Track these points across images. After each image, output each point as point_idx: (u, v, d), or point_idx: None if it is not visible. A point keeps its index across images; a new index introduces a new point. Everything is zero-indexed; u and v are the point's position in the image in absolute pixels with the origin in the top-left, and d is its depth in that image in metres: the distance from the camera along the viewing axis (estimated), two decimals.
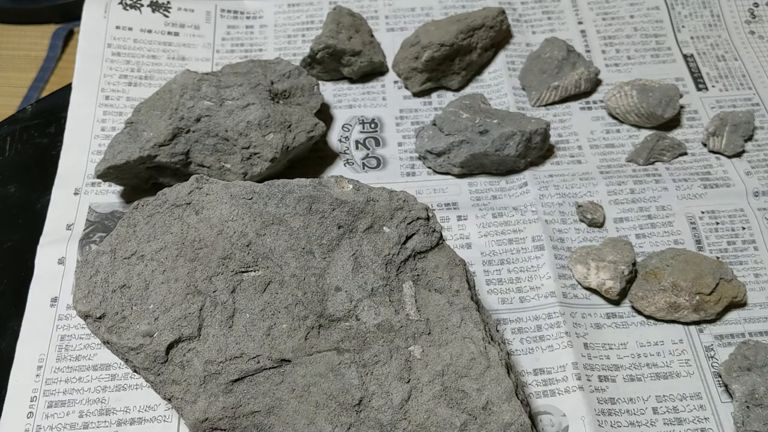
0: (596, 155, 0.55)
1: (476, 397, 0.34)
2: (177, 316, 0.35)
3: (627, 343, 0.45)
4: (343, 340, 0.35)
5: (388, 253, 0.37)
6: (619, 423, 0.41)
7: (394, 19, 0.64)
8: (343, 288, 0.36)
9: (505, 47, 0.62)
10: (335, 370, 0.35)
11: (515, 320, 0.46)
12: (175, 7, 0.63)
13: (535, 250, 0.49)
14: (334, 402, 0.34)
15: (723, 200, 0.51)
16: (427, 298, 0.37)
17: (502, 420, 0.34)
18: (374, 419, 0.34)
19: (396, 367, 0.35)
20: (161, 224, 0.37)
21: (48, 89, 0.63)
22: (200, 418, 0.34)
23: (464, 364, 0.35)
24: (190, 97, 0.49)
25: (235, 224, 0.37)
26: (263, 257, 0.36)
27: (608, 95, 0.56)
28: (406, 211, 0.38)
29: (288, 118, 0.50)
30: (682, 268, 0.45)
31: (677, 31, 0.63)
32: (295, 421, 0.34)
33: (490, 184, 0.53)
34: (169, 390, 0.35)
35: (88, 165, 0.54)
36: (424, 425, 0.34)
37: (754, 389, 0.40)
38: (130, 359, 0.35)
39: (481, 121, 0.52)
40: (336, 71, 0.59)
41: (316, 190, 0.38)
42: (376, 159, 0.55)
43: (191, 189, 0.38)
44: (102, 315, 0.35)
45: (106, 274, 0.36)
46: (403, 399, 0.34)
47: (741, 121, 0.54)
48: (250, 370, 0.35)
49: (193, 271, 0.36)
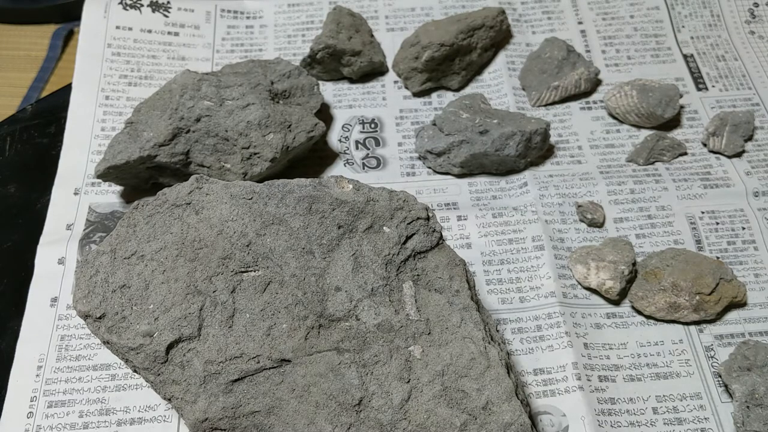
0: (596, 155, 0.55)
1: (476, 397, 0.34)
2: (177, 316, 0.35)
3: (627, 343, 0.45)
4: (343, 340, 0.35)
5: (388, 253, 0.37)
6: (619, 423, 0.41)
7: (394, 19, 0.64)
8: (343, 288, 0.36)
9: (505, 47, 0.62)
10: (335, 370, 0.35)
11: (515, 320, 0.46)
12: (175, 7, 0.63)
13: (535, 250, 0.49)
14: (334, 402, 0.34)
15: (723, 200, 0.51)
16: (427, 298, 0.37)
17: (502, 420, 0.34)
18: (374, 419, 0.34)
19: (396, 367, 0.35)
20: (161, 224, 0.37)
21: (48, 89, 0.63)
22: (200, 418, 0.34)
23: (464, 364, 0.35)
24: (190, 97, 0.49)
25: (235, 224, 0.37)
26: (263, 257, 0.36)
27: (608, 95, 0.56)
28: (406, 211, 0.38)
29: (288, 118, 0.50)
30: (682, 268, 0.45)
31: (677, 31, 0.63)
32: (295, 421, 0.34)
33: (490, 184, 0.53)
34: (169, 390, 0.35)
35: (88, 165, 0.54)
36: (424, 425, 0.34)
37: (754, 389, 0.40)
38: (130, 359, 0.35)
39: (481, 121, 0.52)
40: (336, 71, 0.59)
41: (316, 190, 0.38)
42: (376, 159, 0.55)
43: (191, 189, 0.38)
44: (102, 315, 0.35)
45: (106, 274, 0.36)
46: (403, 399, 0.34)
47: (741, 121, 0.54)
48: (250, 370, 0.35)
49: (193, 271, 0.36)
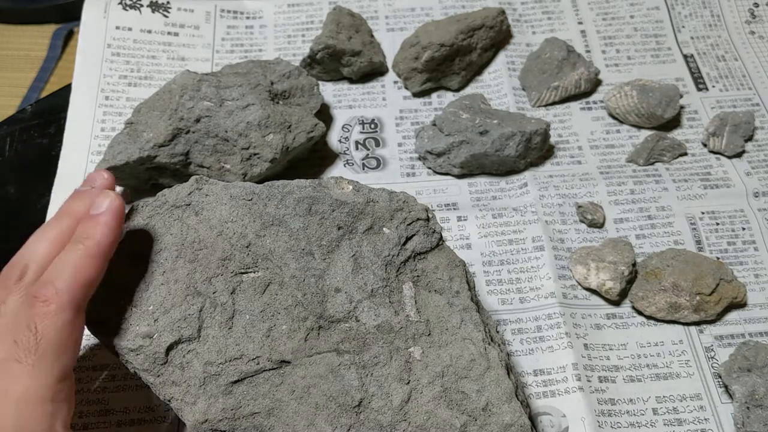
0: (596, 156, 0.55)
1: (476, 399, 0.34)
2: (177, 317, 0.35)
3: (627, 344, 0.45)
4: (343, 341, 0.35)
5: (388, 254, 0.37)
6: (619, 424, 0.41)
7: (394, 19, 0.64)
8: (343, 289, 0.36)
9: (505, 47, 0.62)
10: (335, 371, 0.35)
11: (515, 321, 0.46)
12: (174, 7, 0.63)
13: (535, 251, 0.49)
14: (334, 403, 0.34)
15: (723, 201, 0.51)
16: (427, 299, 0.37)
17: (502, 421, 0.34)
18: (374, 420, 0.34)
19: (396, 369, 0.35)
20: (161, 225, 0.37)
21: (48, 89, 0.63)
22: (200, 420, 0.34)
23: (464, 365, 0.35)
24: (190, 97, 0.49)
25: (234, 225, 0.37)
26: (263, 258, 0.36)
27: (608, 95, 0.56)
28: (406, 212, 0.38)
29: (288, 119, 0.50)
30: (682, 268, 0.45)
31: (677, 31, 0.63)
32: (295, 422, 0.34)
33: (490, 185, 0.53)
34: (168, 391, 0.35)
35: (87, 165, 0.54)
36: (424, 426, 0.34)
37: (754, 390, 0.40)
38: (130, 361, 0.35)
39: (481, 121, 0.52)
40: (336, 71, 0.59)
41: (315, 191, 0.38)
42: (376, 159, 0.55)
43: (191, 190, 0.38)
44: (102, 317, 0.35)
45: (106, 276, 0.36)
46: (402, 400, 0.34)
47: (741, 122, 0.54)
48: (250, 371, 0.35)
49: (193, 272, 0.36)
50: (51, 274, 0.32)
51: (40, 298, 0.31)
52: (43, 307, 0.31)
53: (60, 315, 0.31)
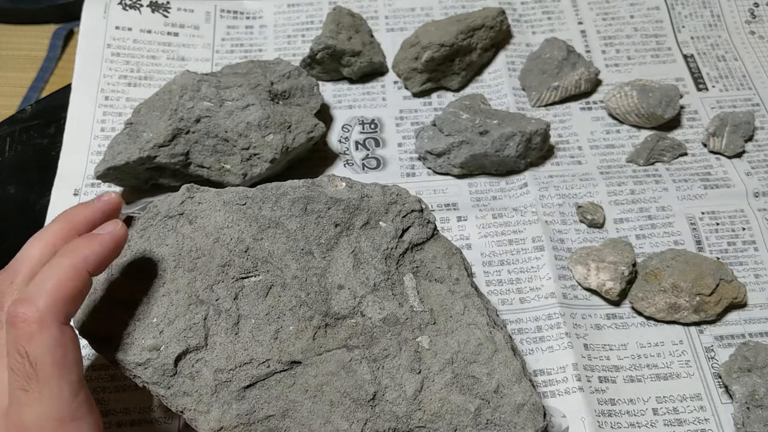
0: (596, 156, 0.55)
1: (487, 382, 0.35)
2: (182, 327, 0.35)
3: (627, 344, 0.45)
4: (351, 336, 0.36)
5: (387, 248, 0.37)
6: (619, 424, 0.41)
7: (394, 19, 0.64)
8: (346, 285, 0.36)
9: (505, 47, 0.62)
10: (346, 367, 0.35)
11: (515, 321, 0.46)
12: (174, 7, 0.63)
13: (535, 251, 0.49)
14: (349, 399, 0.34)
15: (723, 201, 0.51)
16: (429, 288, 0.37)
17: (515, 401, 0.34)
18: (390, 412, 0.34)
19: (406, 359, 0.35)
20: (156, 237, 0.37)
21: (48, 89, 0.63)
22: (215, 428, 0.34)
23: (472, 350, 0.36)
24: (190, 97, 0.49)
25: (231, 231, 0.37)
26: (263, 261, 0.36)
27: (608, 95, 0.56)
28: (400, 205, 0.39)
29: (288, 119, 0.50)
30: (682, 268, 0.45)
31: (677, 31, 0.63)
32: (311, 421, 0.34)
33: (490, 185, 0.53)
34: (180, 402, 0.34)
35: (87, 166, 0.54)
36: (439, 413, 0.34)
37: (754, 390, 0.40)
38: (138, 375, 0.34)
39: (481, 121, 0.52)
40: (336, 71, 0.59)
41: (309, 191, 0.38)
42: (376, 160, 0.55)
43: (183, 199, 0.38)
44: (105, 333, 0.35)
45: (105, 291, 0.35)
46: (416, 390, 0.35)
47: (741, 122, 0.54)
48: (261, 374, 0.35)
49: (193, 281, 0.36)
50: (33, 289, 0.30)
51: (19, 317, 0.29)
52: (25, 327, 0.29)
53: (44, 334, 0.29)
